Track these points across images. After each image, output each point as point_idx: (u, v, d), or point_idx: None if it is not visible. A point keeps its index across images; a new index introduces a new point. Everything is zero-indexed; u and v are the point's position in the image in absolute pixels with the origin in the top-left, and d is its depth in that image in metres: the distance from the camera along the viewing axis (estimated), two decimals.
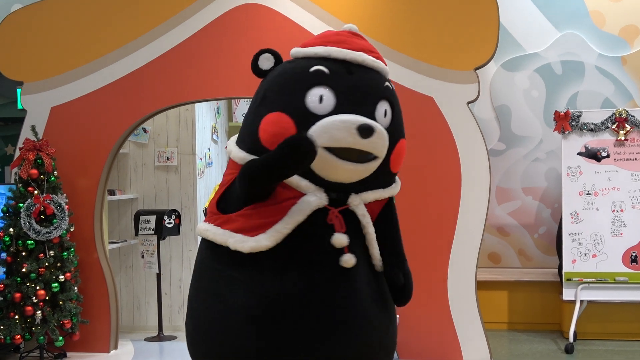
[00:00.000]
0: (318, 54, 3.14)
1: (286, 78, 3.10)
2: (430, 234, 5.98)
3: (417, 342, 5.98)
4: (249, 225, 2.95)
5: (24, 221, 5.85)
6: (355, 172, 3.01)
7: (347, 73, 3.09)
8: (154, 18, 6.36)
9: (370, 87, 3.14)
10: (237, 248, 2.92)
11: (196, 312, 3.08)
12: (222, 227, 3.00)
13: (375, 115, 3.07)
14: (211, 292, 3.01)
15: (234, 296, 2.93)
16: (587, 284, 6.45)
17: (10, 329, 5.81)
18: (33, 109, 6.56)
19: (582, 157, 6.51)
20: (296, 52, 3.26)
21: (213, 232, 3.02)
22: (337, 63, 3.10)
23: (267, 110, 3.00)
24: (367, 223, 3.18)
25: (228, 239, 2.95)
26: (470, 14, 5.95)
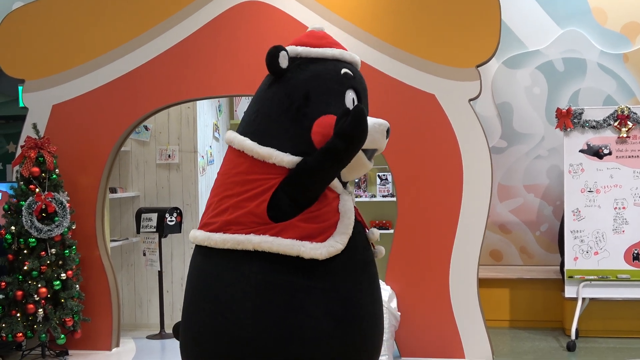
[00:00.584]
0: (334, 56, 3.20)
1: (326, 81, 3.12)
2: (432, 232, 5.98)
3: (419, 340, 5.98)
4: (312, 231, 2.92)
5: (26, 219, 5.85)
6: (366, 168, 3.18)
7: (360, 76, 3.27)
8: (155, 16, 6.35)
9: (365, 88, 3.33)
10: (313, 256, 2.86)
11: (269, 329, 2.86)
12: (281, 236, 2.88)
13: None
14: (287, 306, 2.86)
15: (315, 305, 2.88)
16: (589, 281, 6.44)
17: (12, 327, 5.81)
18: (34, 107, 6.56)
19: (584, 154, 6.50)
20: (309, 52, 3.21)
21: (277, 243, 2.86)
22: (349, 65, 3.23)
23: (318, 113, 3.01)
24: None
25: (300, 248, 2.86)
26: (471, 12, 5.94)
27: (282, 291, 2.87)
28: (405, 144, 6.01)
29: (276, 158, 2.95)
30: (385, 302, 5.58)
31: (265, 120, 3.08)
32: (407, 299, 5.98)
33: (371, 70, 6.02)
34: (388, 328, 5.60)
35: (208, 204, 3.13)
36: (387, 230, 7.66)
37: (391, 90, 6.01)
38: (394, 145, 5.99)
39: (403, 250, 6.02)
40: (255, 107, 3.16)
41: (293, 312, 2.85)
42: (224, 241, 2.93)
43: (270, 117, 3.08)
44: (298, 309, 2.86)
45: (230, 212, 2.98)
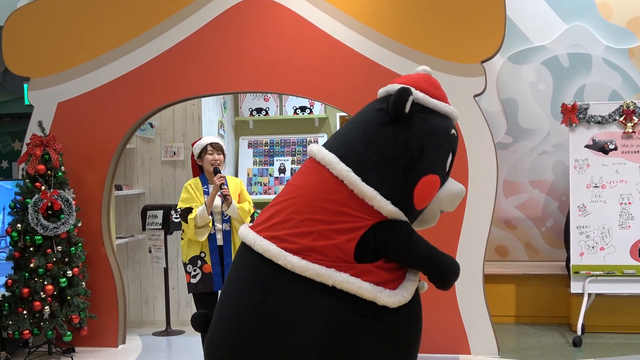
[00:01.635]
0: (447, 113, 3.17)
1: (441, 139, 3.10)
2: (437, 228, 5.93)
3: (425, 336, 5.93)
4: (386, 279, 2.94)
5: (32, 217, 5.87)
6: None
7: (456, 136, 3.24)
8: (160, 13, 6.36)
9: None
10: (386, 303, 2.89)
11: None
12: (361, 278, 2.88)
13: None
14: (352, 347, 2.87)
15: (379, 350, 2.92)
16: (594, 276, 6.43)
17: (18, 324, 5.83)
18: (40, 105, 6.57)
19: (590, 149, 6.49)
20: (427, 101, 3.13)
21: (358, 285, 2.86)
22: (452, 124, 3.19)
23: (427, 170, 3.01)
24: None
25: (377, 294, 2.88)
26: (476, 7, 5.93)
27: (351, 331, 2.87)
28: None
29: (377, 202, 2.92)
30: None
31: (377, 158, 2.99)
32: None
33: (376, 66, 6.02)
34: None
35: (285, 216, 3.00)
36: None
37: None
38: None
39: None
40: (366, 139, 3.02)
41: (358, 353, 2.88)
42: (304, 269, 2.86)
43: (383, 157, 2.99)
44: (363, 351, 2.88)
45: (314, 237, 2.91)
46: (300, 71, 6.13)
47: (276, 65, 6.19)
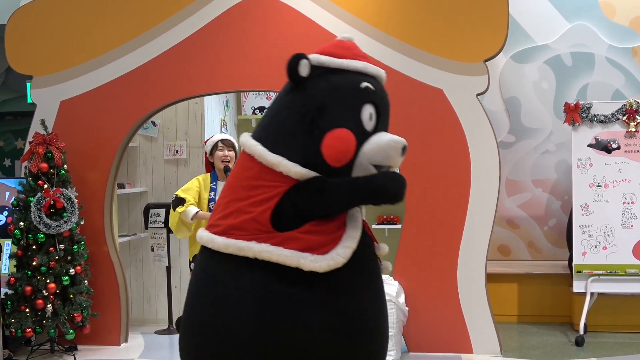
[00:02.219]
0: (357, 69, 3.17)
1: (343, 93, 3.08)
2: (440, 227, 5.97)
3: (427, 335, 5.98)
4: (314, 244, 2.90)
5: (34, 215, 5.87)
6: None
7: (381, 90, 3.20)
8: (163, 11, 6.36)
9: (389, 106, 3.25)
10: (313, 268, 2.85)
11: (266, 338, 2.89)
12: (282, 246, 2.88)
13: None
14: (288, 317, 2.88)
15: (312, 318, 2.88)
16: (597, 276, 6.42)
17: (21, 322, 5.83)
18: (42, 103, 6.57)
19: (593, 149, 6.48)
20: (331, 62, 3.18)
21: (277, 253, 2.86)
22: (372, 79, 3.18)
23: (332, 126, 2.98)
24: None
25: (299, 259, 2.85)
26: (479, 6, 5.93)
27: (280, 301, 2.88)
28: (413, 138, 5.97)
29: (284, 167, 2.94)
30: (393, 297, 5.58)
31: (279, 127, 3.07)
32: (415, 294, 5.97)
33: (378, 65, 5.98)
34: (396, 323, 5.60)
35: (216, 206, 3.13)
36: (395, 225, 7.66)
37: (398, 85, 5.99)
38: None
39: (411, 245, 6.02)
40: (272, 113, 3.14)
41: (289, 323, 2.87)
42: (227, 246, 2.93)
43: (284, 125, 3.06)
44: (295, 320, 2.87)
45: (234, 216, 2.98)
46: None
47: (278, 64, 6.11)
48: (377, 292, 3.08)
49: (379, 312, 3.08)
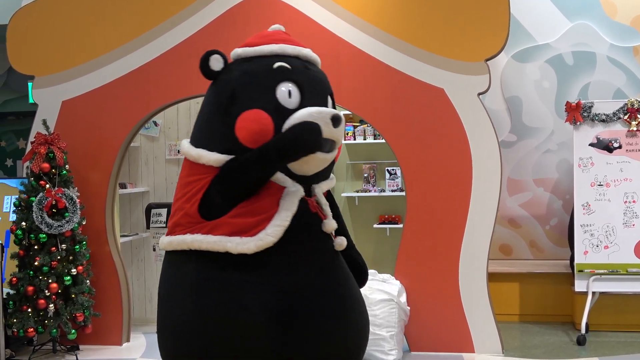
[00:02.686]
0: (273, 52, 3.24)
1: (254, 76, 3.17)
2: (441, 226, 5.97)
3: (429, 334, 5.98)
4: (244, 226, 2.98)
5: (36, 215, 5.87)
6: (323, 162, 3.15)
7: (305, 68, 3.24)
8: (164, 11, 6.36)
9: (323, 81, 3.32)
10: (240, 251, 2.94)
11: (206, 325, 2.99)
12: (212, 233, 2.99)
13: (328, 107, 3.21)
14: (225, 301, 2.96)
15: (251, 299, 2.95)
16: (599, 275, 6.43)
17: (23, 322, 5.84)
18: (44, 103, 6.58)
19: (594, 148, 6.48)
20: (245, 52, 3.31)
21: (206, 241, 2.99)
22: (293, 59, 3.24)
23: (242, 109, 3.06)
24: (328, 212, 3.26)
25: (226, 244, 2.96)
26: (480, 5, 5.93)
27: (217, 287, 2.99)
28: (414, 138, 6.01)
29: (205, 158, 3.08)
30: (394, 297, 5.58)
31: (202, 122, 3.24)
32: (416, 293, 5.98)
33: (380, 64, 6.02)
34: (397, 322, 5.61)
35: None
36: (397, 224, 7.66)
37: (400, 85, 6.00)
38: (403, 140, 6.01)
39: (412, 244, 6.02)
40: (199, 111, 3.32)
41: (228, 306, 2.95)
42: (170, 243, 3.12)
43: (205, 119, 3.23)
44: (233, 303, 2.95)
45: (176, 214, 3.15)
46: None
47: None
48: (323, 268, 3.11)
49: (327, 289, 3.08)
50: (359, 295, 3.27)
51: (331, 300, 3.08)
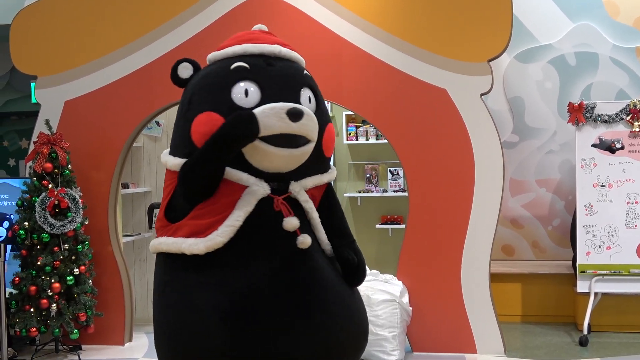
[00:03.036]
0: (236, 53, 3.27)
1: (209, 79, 3.22)
2: (444, 227, 5.97)
3: (431, 335, 5.98)
4: (200, 227, 3.03)
5: (39, 215, 5.88)
6: (292, 158, 3.11)
7: (267, 65, 3.23)
8: (167, 11, 6.37)
9: (291, 75, 3.27)
10: (193, 252, 3.00)
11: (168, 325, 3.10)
12: (173, 236, 3.08)
13: (300, 102, 3.17)
14: (181, 302, 3.03)
15: (204, 300, 2.98)
16: (601, 276, 6.42)
17: (25, 322, 5.85)
18: (47, 103, 6.59)
19: (596, 148, 6.48)
20: (213, 56, 3.36)
21: (166, 243, 3.09)
22: (255, 58, 3.25)
23: (196, 113, 3.11)
24: (310, 209, 3.23)
25: (181, 245, 3.03)
26: (483, 6, 5.93)
27: (176, 288, 3.07)
28: (417, 138, 6.01)
29: (170, 163, 3.18)
30: (396, 297, 5.59)
31: (174, 130, 3.34)
32: (418, 293, 5.98)
33: (382, 65, 6.02)
34: (400, 323, 5.61)
35: None
36: (399, 225, 7.67)
37: (402, 85, 6.01)
38: (405, 140, 6.01)
39: (414, 245, 6.02)
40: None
41: (183, 307, 3.02)
42: (151, 247, 3.27)
43: (175, 126, 3.32)
44: (187, 304, 3.00)
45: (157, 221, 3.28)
46: (306, 69, 6.12)
47: None
48: (283, 268, 3.06)
49: (283, 289, 3.03)
50: (332, 296, 3.13)
51: (286, 301, 3.01)
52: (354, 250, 3.39)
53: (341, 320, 3.14)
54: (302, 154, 3.13)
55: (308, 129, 3.07)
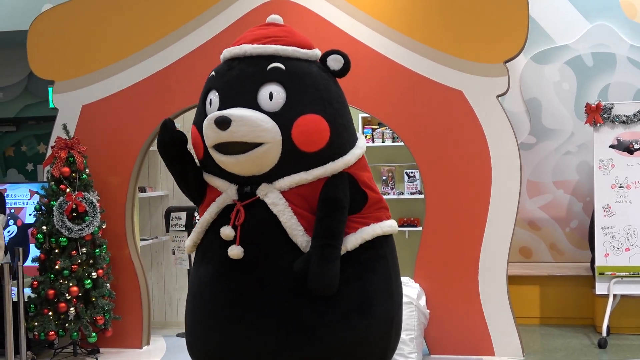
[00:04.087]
0: (225, 57, 3.37)
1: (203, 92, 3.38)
2: (461, 229, 5.95)
3: (449, 337, 5.96)
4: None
5: (57, 219, 5.91)
6: (242, 164, 3.11)
7: (228, 69, 3.25)
8: (184, 15, 6.39)
9: (249, 75, 3.19)
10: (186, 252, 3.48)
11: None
12: None
13: (259, 101, 3.11)
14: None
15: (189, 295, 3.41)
16: (620, 277, 6.38)
17: (44, 326, 5.88)
18: (64, 108, 6.62)
19: (614, 149, 6.44)
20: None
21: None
22: (225, 62, 3.31)
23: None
24: (279, 212, 3.13)
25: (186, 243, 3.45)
26: (499, 7, 5.90)
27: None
28: (433, 140, 5.99)
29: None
30: (414, 300, 5.57)
31: None
32: (436, 296, 5.96)
33: (398, 67, 6.01)
34: (417, 325, 5.59)
35: None
36: (415, 227, 7.64)
37: (418, 87, 5.99)
38: (422, 142, 5.99)
39: (431, 247, 6.01)
40: None
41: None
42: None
43: None
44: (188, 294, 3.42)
45: None
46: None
47: None
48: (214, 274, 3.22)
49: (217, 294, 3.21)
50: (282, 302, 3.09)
51: (220, 306, 3.17)
52: (316, 255, 3.06)
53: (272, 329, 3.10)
54: (252, 159, 3.07)
55: (240, 135, 3.01)
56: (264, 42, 3.26)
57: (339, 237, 3.12)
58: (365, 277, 3.20)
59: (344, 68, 3.34)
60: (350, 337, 3.12)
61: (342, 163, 3.23)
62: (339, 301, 3.10)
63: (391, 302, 3.28)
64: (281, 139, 3.07)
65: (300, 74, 3.21)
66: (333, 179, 3.21)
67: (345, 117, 3.33)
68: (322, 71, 3.31)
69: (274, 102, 3.11)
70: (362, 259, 3.20)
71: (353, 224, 3.20)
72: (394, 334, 3.34)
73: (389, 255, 3.36)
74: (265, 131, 3.04)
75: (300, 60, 3.27)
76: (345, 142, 3.29)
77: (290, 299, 3.09)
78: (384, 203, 3.41)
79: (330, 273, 3.03)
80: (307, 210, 3.16)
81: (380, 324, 3.21)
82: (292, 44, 3.29)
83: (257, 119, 3.03)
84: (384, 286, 3.25)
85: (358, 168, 3.32)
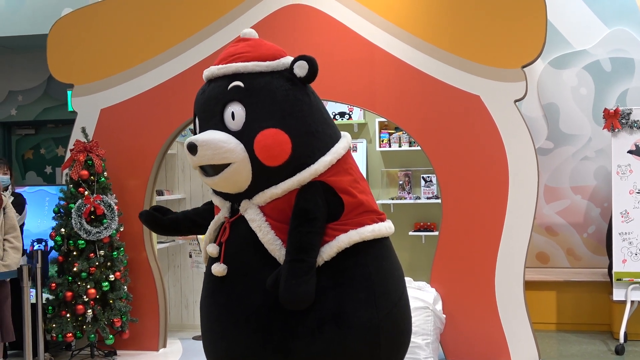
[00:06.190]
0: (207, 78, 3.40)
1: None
2: (477, 234, 5.94)
3: (465, 343, 5.95)
4: None
5: (75, 221, 5.96)
6: (218, 184, 3.24)
7: (201, 93, 3.33)
8: (201, 20, 6.42)
9: (214, 97, 3.24)
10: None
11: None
12: None
13: (225, 121, 3.18)
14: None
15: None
16: (637, 284, 6.34)
17: (62, 327, 5.93)
18: (83, 111, 6.67)
19: (633, 155, 6.41)
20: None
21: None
22: (203, 85, 3.38)
23: None
24: (256, 227, 3.15)
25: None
26: (517, 11, 5.89)
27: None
28: (450, 145, 5.99)
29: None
30: (430, 305, 5.57)
31: None
32: (452, 301, 5.95)
33: (415, 72, 6.01)
34: (433, 330, 5.59)
35: None
36: (432, 232, 7.64)
37: (436, 92, 5.99)
38: (439, 147, 5.99)
39: (448, 252, 6.00)
40: None
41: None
42: None
43: None
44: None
45: None
46: (339, 77, 6.14)
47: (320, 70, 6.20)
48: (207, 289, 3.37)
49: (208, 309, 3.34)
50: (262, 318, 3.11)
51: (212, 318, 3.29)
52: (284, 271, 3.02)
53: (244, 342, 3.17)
54: (225, 179, 3.15)
55: (207, 158, 3.10)
56: (228, 60, 3.25)
57: (310, 250, 3.05)
58: (341, 286, 3.11)
59: (309, 73, 3.24)
60: (326, 349, 3.06)
61: (308, 174, 3.15)
62: (311, 313, 3.05)
63: (375, 309, 3.12)
64: (247, 156, 3.10)
65: (258, 89, 3.18)
66: (302, 191, 3.16)
67: (313, 125, 3.22)
68: (285, 81, 3.23)
69: (237, 121, 3.14)
70: (340, 268, 3.12)
71: (332, 231, 3.14)
72: (385, 341, 3.17)
73: (371, 262, 3.18)
74: (228, 152, 3.08)
75: (263, 74, 3.22)
76: (316, 150, 3.20)
77: (266, 314, 3.09)
78: (370, 206, 3.28)
79: (298, 289, 2.96)
80: (286, 223, 3.13)
81: (361, 334, 3.09)
82: (254, 59, 3.23)
83: (219, 141, 3.09)
84: (364, 295, 3.11)
85: (333, 174, 3.20)
